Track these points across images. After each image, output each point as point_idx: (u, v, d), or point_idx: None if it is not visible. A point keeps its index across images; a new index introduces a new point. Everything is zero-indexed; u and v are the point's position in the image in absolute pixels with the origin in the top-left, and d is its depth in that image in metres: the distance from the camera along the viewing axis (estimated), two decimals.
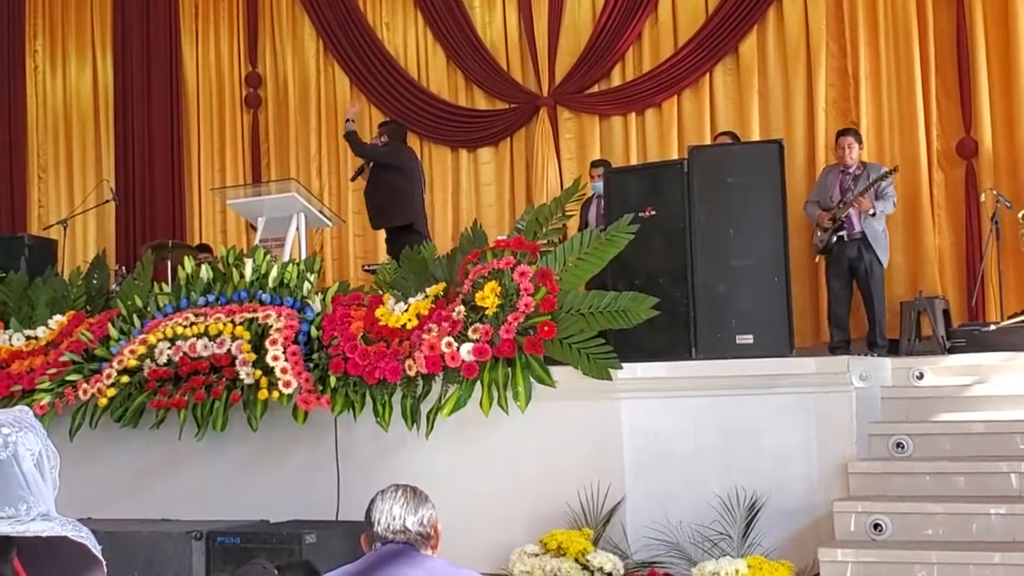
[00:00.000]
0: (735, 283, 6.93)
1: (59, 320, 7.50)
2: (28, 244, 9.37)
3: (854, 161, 8.55)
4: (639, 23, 10.64)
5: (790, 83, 10.05)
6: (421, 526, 3.02)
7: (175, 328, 6.83)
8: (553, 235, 6.77)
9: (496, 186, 11.30)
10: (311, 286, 7.03)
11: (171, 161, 12.48)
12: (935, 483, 6.13)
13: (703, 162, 7.18)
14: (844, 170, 8.59)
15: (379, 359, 6.28)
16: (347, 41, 11.85)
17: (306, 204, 8.14)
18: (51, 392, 7.05)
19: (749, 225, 6.98)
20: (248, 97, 12.35)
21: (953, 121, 9.44)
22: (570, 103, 10.97)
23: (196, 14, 12.67)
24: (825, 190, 8.66)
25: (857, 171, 8.50)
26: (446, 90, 11.55)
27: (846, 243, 8.41)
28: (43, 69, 13.31)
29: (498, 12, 11.35)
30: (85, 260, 10.25)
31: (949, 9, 9.51)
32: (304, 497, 6.62)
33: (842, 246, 8.44)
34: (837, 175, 8.63)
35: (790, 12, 10.09)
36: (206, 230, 12.36)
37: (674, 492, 6.14)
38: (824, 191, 8.67)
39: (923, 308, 8.15)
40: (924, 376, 6.92)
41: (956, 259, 9.32)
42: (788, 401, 6.22)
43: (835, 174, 8.67)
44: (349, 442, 6.57)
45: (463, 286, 6.34)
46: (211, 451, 6.86)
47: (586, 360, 6.06)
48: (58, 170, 13.17)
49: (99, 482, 7.03)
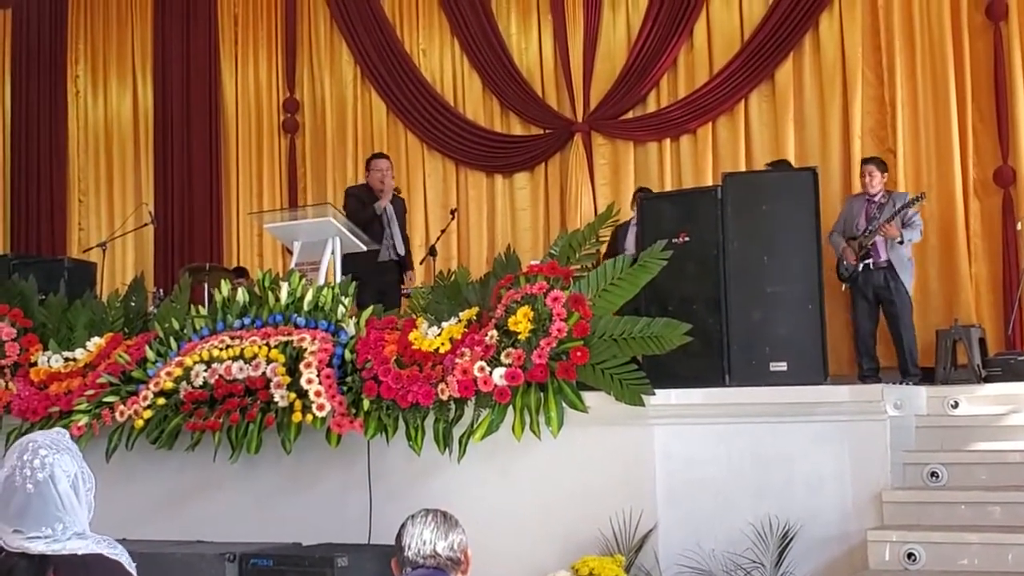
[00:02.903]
0: (769, 310, 6.91)
1: (97, 342, 7.57)
2: (68, 267, 9.46)
3: (877, 189, 8.54)
4: (674, 49, 10.69)
5: (826, 110, 10.06)
6: (451, 551, 3.03)
7: (211, 351, 6.88)
8: (586, 260, 6.77)
9: (531, 211, 11.36)
10: (345, 309, 7.06)
11: (209, 185, 12.62)
12: (971, 512, 6.07)
13: (737, 189, 7.17)
14: (869, 198, 8.60)
15: (412, 383, 6.30)
16: (384, 67, 11.96)
17: (341, 228, 8.19)
18: (88, 413, 7.11)
19: (783, 252, 6.96)
20: (286, 122, 12.48)
21: (990, 149, 9.42)
22: (605, 129, 11.01)
23: (236, 40, 12.83)
24: (851, 219, 8.67)
25: (882, 199, 8.49)
26: (482, 116, 11.64)
27: (872, 271, 8.40)
28: (84, 94, 13.51)
29: (534, 38, 11.43)
30: (124, 283, 10.36)
31: (986, 37, 9.50)
32: (336, 520, 6.63)
33: (868, 274, 8.43)
34: (863, 203, 8.63)
35: (826, 39, 10.11)
36: (244, 254, 12.48)
37: (707, 519, 6.11)
38: (849, 220, 8.67)
39: (959, 336, 8.12)
40: (959, 405, 6.87)
41: (993, 288, 9.27)
42: (822, 429, 6.18)
43: (860, 202, 8.67)
44: (382, 466, 6.58)
45: (496, 311, 6.35)
46: (245, 473, 6.89)
47: (619, 386, 6.04)
48: (99, 193, 13.35)
49: (135, 503, 7.07)
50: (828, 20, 10.13)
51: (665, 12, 10.67)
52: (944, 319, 8.76)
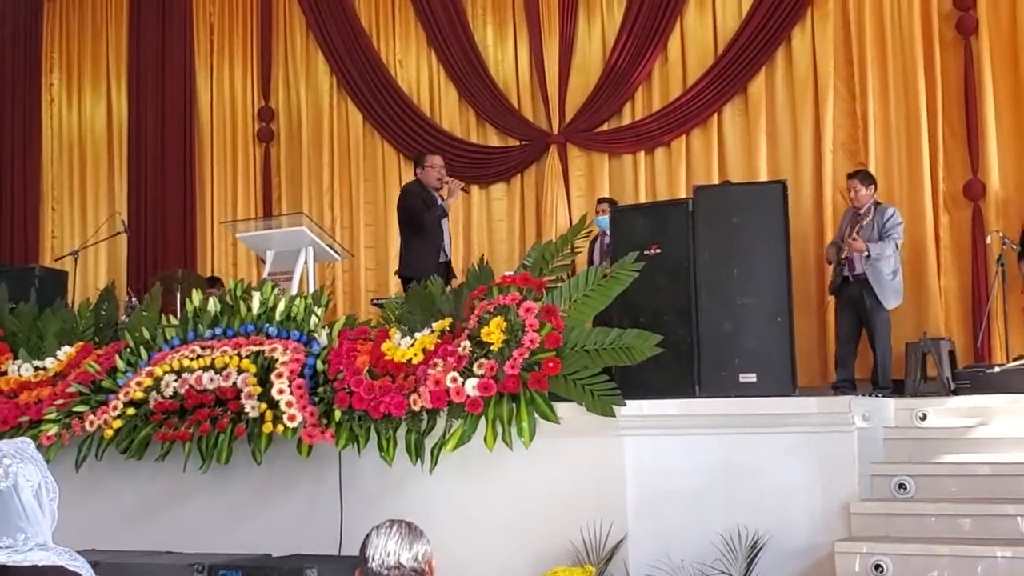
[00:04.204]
0: (739, 322, 6.96)
1: (67, 351, 7.54)
2: (39, 275, 9.44)
3: (862, 202, 8.60)
4: (649, 62, 10.74)
5: (798, 124, 10.13)
6: (415, 562, 3.03)
7: (181, 360, 6.87)
8: (559, 271, 6.79)
9: (508, 222, 11.39)
10: (318, 320, 7.06)
11: (184, 194, 12.59)
12: (941, 525, 6.11)
13: (708, 201, 7.23)
14: (855, 212, 8.66)
15: (384, 393, 6.30)
16: (360, 77, 11.97)
17: (314, 238, 8.19)
18: (58, 423, 7.09)
19: (753, 264, 7.01)
20: (261, 131, 12.47)
21: (960, 163, 9.49)
22: (580, 141, 11.05)
23: (211, 49, 12.83)
24: (840, 232, 8.76)
25: (866, 212, 8.55)
26: (458, 127, 11.66)
27: (851, 283, 8.47)
28: (59, 102, 13.48)
29: (509, 50, 11.47)
30: (96, 291, 10.31)
31: (956, 51, 9.58)
32: (307, 531, 6.62)
33: (847, 286, 8.51)
34: (850, 217, 8.70)
35: (799, 53, 10.18)
36: (218, 263, 12.45)
37: (677, 530, 6.13)
38: (840, 232, 8.76)
39: (928, 349, 8.16)
40: (927, 417, 6.92)
41: (962, 300, 9.35)
42: (791, 440, 6.22)
43: (848, 216, 8.75)
44: (353, 476, 6.58)
45: (469, 321, 6.37)
46: (215, 484, 6.87)
47: (590, 396, 6.07)
48: (72, 202, 13.32)
49: (104, 513, 7.05)
50: (800, 34, 10.19)
51: (640, 25, 10.72)
52: (914, 332, 8.81)
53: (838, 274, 8.56)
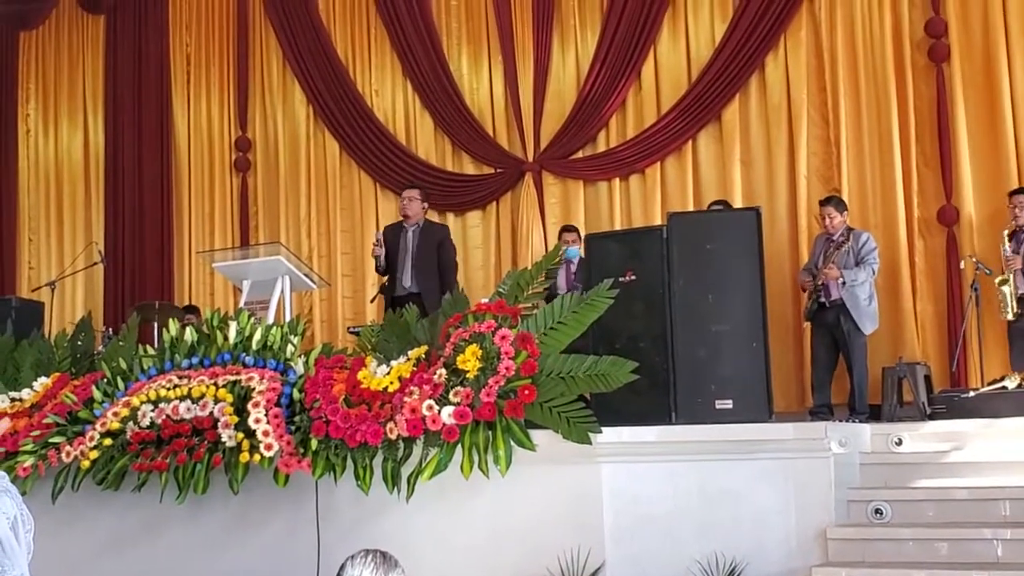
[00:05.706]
0: (714, 348, 6.99)
1: (44, 382, 7.52)
2: (15, 306, 9.39)
3: (836, 229, 8.66)
4: (623, 90, 10.80)
5: (772, 150, 10.20)
6: None
7: (158, 390, 6.85)
8: (534, 299, 6.81)
9: (483, 249, 11.41)
10: (295, 348, 7.06)
11: (161, 224, 12.57)
12: (918, 549, 6.12)
13: (682, 228, 7.27)
14: (828, 238, 8.72)
15: (360, 422, 6.30)
16: (336, 107, 12.01)
17: (291, 267, 8.20)
18: (34, 454, 7.05)
19: (728, 291, 7.06)
20: (238, 161, 12.47)
21: (933, 189, 9.57)
22: (555, 168, 11.10)
23: (188, 79, 12.84)
24: (813, 258, 8.80)
25: (841, 238, 8.61)
26: (434, 155, 11.69)
27: (828, 309, 8.51)
28: (35, 132, 13.47)
29: (484, 79, 11.53)
30: (73, 322, 10.29)
31: (929, 78, 9.68)
32: (285, 560, 6.60)
33: (823, 312, 8.55)
34: (823, 243, 8.75)
35: (772, 80, 10.25)
36: (196, 292, 12.43)
37: (654, 557, 6.14)
38: (813, 258, 8.80)
39: (904, 374, 8.21)
40: (903, 442, 6.95)
41: (937, 325, 9.41)
42: (767, 466, 6.24)
43: (822, 242, 8.80)
44: (330, 505, 6.57)
45: (445, 349, 6.38)
46: (192, 514, 6.85)
47: (566, 424, 6.07)
48: (49, 232, 13.28)
49: (80, 545, 7.02)
50: (773, 61, 10.27)
51: (614, 53, 10.78)
52: (889, 356, 8.86)
53: (813, 300, 8.61)
